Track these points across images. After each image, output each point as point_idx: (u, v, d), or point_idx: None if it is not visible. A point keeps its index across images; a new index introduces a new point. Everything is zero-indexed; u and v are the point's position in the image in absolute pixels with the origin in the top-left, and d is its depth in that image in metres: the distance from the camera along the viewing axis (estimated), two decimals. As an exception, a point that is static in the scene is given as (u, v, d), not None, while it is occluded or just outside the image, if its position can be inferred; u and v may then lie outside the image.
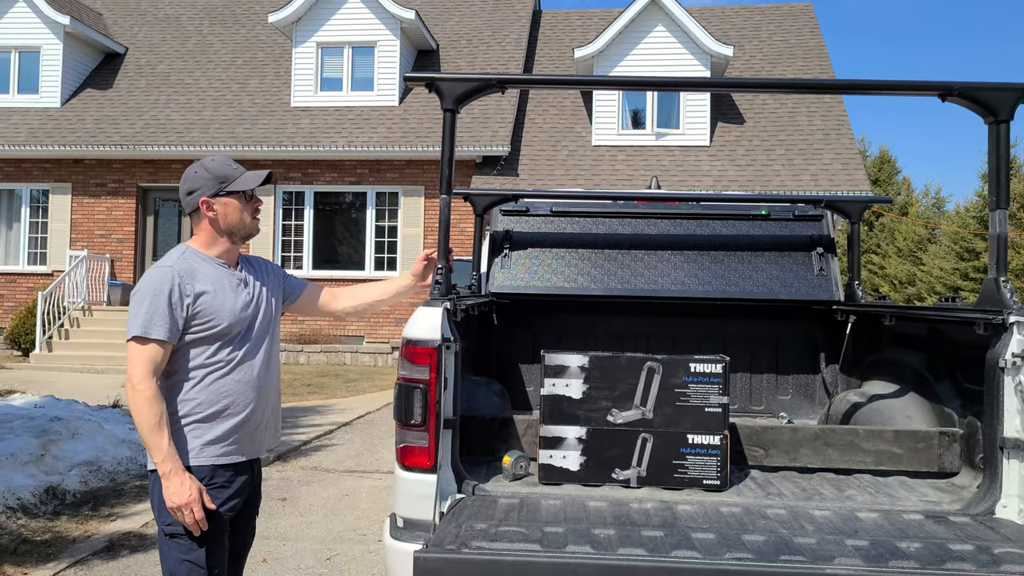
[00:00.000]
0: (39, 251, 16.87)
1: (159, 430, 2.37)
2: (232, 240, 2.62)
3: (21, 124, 16.73)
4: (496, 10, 19.29)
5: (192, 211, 2.60)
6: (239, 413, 2.53)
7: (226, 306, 2.52)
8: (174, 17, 19.93)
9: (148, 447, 2.39)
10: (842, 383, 4.39)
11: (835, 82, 3.21)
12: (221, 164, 2.59)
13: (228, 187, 2.57)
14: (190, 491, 2.38)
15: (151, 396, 2.38)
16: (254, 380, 2.58)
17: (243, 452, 2.57)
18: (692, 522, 2.63)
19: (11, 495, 5.31)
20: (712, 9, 19.94)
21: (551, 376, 3.07)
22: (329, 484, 6.43)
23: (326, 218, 16.44)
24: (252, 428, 2.59)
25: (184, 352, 2.49)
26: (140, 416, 2.37)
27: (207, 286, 2.50)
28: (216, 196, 2.56)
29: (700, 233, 4.62)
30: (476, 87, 3.06)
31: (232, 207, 2.58)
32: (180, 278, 2.47)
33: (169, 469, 2.38)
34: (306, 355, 15.24)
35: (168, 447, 2.38)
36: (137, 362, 2.40)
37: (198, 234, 2.61)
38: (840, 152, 15.58)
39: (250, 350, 2.58)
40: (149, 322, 2.41)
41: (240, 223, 2.61)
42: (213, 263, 2.57)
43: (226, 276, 2.58)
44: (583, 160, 15.87)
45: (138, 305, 2.44)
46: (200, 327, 2.48)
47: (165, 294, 2.43)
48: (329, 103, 16.71)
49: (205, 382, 2.49)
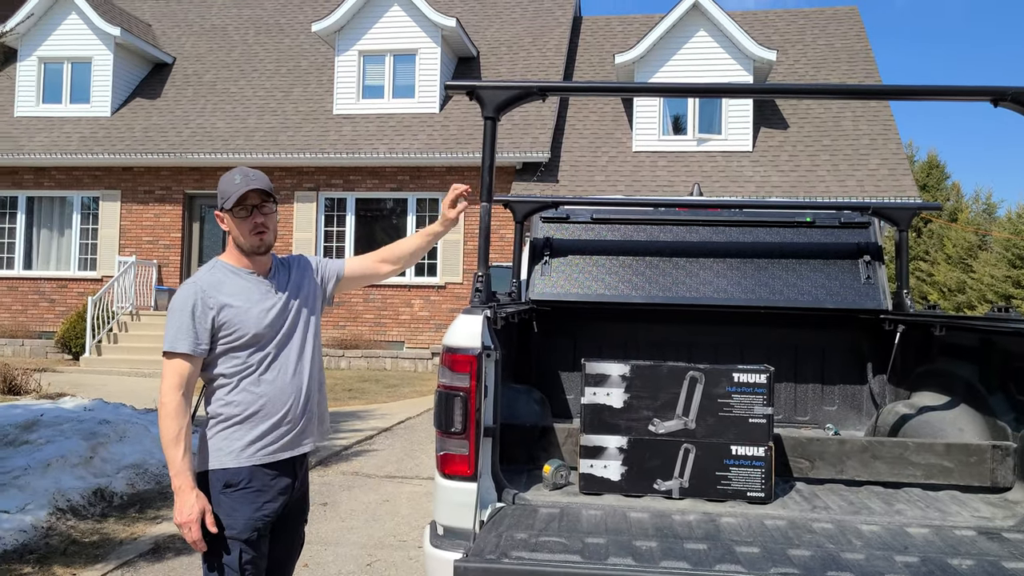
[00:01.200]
0: (89, 257, 17.25)
1: (175, 444, 2.44)
2: (244, 254, 2.65)
3: (73, 133, 17.15)
4: (536, 17, 19.32)
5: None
6: (276, 413, 2.58)
7: (251, 316, 2.56)
8: (220, 27, 20.29)
9: (167, 460, 2.47)
10: (890, 394, 4.29)
11: (882, 88, 3.14)
12: (227, 180, 2.60)
13: (224, 204, 2.59)
14: (191, 511, 2.43)
15: (173, 410, 2.45)
16: (289, 379, 2.62)
17: (284, 448, 2.61)
18: (736, 535, 2.59)
19: (61, 497, 5.42)
20: (755, 13, 19.73)
21: (592, 385, 3.05)
22: (370, 489, 6.46)
23: (367, 224, 16.57)
24: (291, 425, 2.62)
25: (218, 360, 2.56)
26: (161, 429, 2.46)
27: (232, 298, 2.56)
28: (222, 211, 2.61)
29: (743, 240, 4.56)
30: (517, 95, 3.05)
31: (230, 223, 2.61)
32: (203, 293, 2.54)
33: (179, 485, 2.44)
34: (347, 360, 15.36)
35: (181, 462, 2.44)
36: (165, 375, 2.49)
37: (228, 245, 2.69)
38: (887, 157, 15.30)
39: (283, 352, 2.62)
40: (175, 337, 2.49)
41: (240, 238, 2.62)
42: (241, 274, 2.63)
43: (254, 286, 2.62)
44: (623, 166, 15.80)
45: (168, 321, 2.54)
46: (227, 337, 2.55)
47: (188, 309, 2.51)
48: (371, 111, 16.86)
49: (240, 386, 2.56)
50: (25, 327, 16.97)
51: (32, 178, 17.27)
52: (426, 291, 16.05)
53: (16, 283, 17.25)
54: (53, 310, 17.06)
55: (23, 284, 17.24)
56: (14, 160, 16.78)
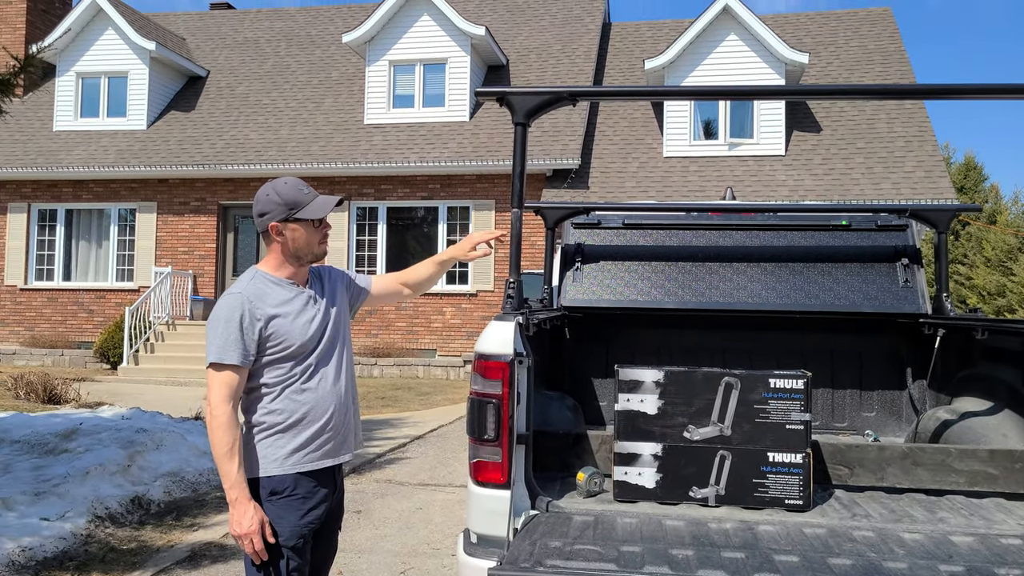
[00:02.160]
0: (126, 268, 17.54)
1: (230, 457, 2.43)
2: (300, 263, 2.64)
3: (110, 146, 17.46)
4: (565, 24, 19.33)
5: (262, 232, 2.64)
6: (318, 420, 2.58)
7: (297, 327, 2.56)
8: (253, 40, 20.56)
9: (220, 472, 2.45)
10: (931, 399, 4.21)
11: (917, 87, 3.08)
12: (293, 189, 2.59)
13: (297, 214, 2.57)
14: (252, 522, 2.42)
15: (225, 422, 2.43)
16: (330, 388, 2.62)
17: (327, 455, 2.61)
18: (774, 544, 2.55)
19: (99, 504, 5.49)
20: (786, 16, 19.56)
21: (625, 391, 3.02)
22: (403, 497, 6.47)
23: (398, 232, 16.66)
24: (333, 433, 2.62)
25: (261, 370, 2.55)
26: (214, 442, 2.44)
27: (277, 309, 2.55)
28: (285, 222, 2.57)
29: (778, 245, 4.50)
30: (547, 100, 3.05)
31: (299, 233, 2.59)
32: (250, 303, 2.52)
33: (235, 497, 2.43)
34: (380, 368, 15.43)
35: (237, 475, 2.43)
36: (214, 388, 2.46)
37: (268, 255, 2.65)
38: (923, 159, 15.07)
39: (324, 361, 2.62)
40: (223, 348, 2.47)
41: (307, 248, 2.62)
42: (283, 285, 2.61)
43: (296, 297, 2.61)
44: (654, 171, 15.73)
45: (213, 332, 2.50)
46: (274, 348, 2.53)
47: (236, 320, 2.48)
48: (401, 120, 16.98)
49: (284, 395, 2.55)
50: (65, 337, 17.28)
51: (71, 191, 17.61)
52: (458, 299, 16.09)
53: (56, 294, 17.58)
54: (91, 320, 17.36)
55: (62, 295, 17.56)
56: (53, 174, 17.12)
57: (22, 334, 17.53)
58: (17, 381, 10.74)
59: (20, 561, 4.52)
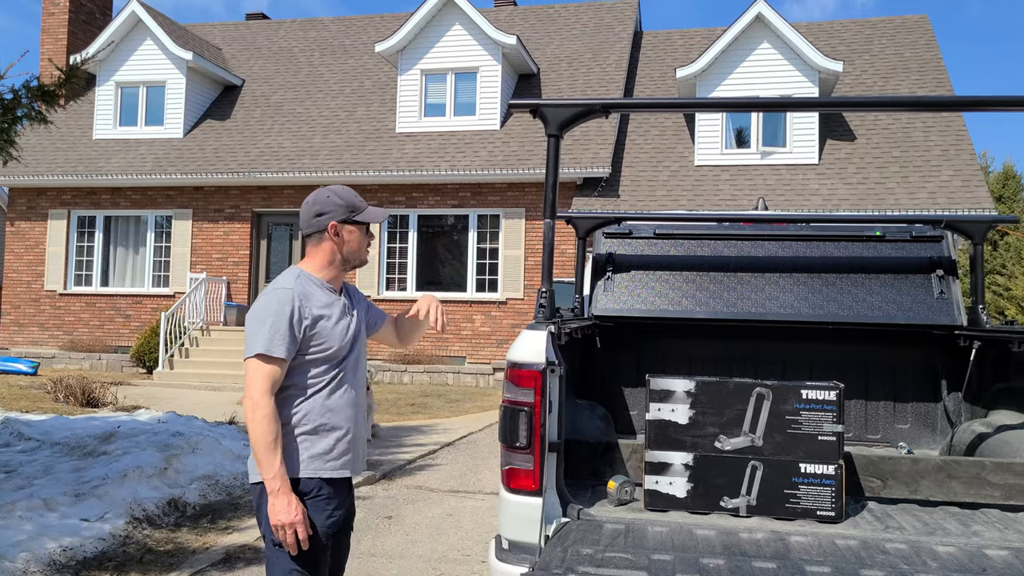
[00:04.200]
0: (162, 274, 17.83)
1: (274, 448, 2.44)
2: (344, 267, 2.70)
3: (148, 154, 17.78)
4: (597, 33, 19.36)
5: (314, 232, 2.66)
6: (342, 428, 2.61)
7: (337, 331, 2.60)
8: (287, 50, 20.84)
9: (260, 463, 2.46)
10: (966, 412, 4.17)
11: (955, 99, 3.07)
12: (351, 194, 2.69)
13: (357, 216, 2.66)
14: (296, 511, 2.44)
15: (270, 413, 2.45)
16: (353, 399, 2.66)
17: (345, 466, 2.63)
18: (806, 554, 2.55)
19: (137, 506, 5.60)
20: (820, 24, 19.42)
21: (656, 401, 3.04)
22: (433, 503, 6.52)
23: (429, 240, 16.77)
24: (354, 444, 2.65)
25: (296, 370, 2.56)
26: (258, 432, 2.44)
27: (323, 310, 2.58)
28: (344, 223, 2.65)
29: (810, 255, 4.49)
30: (580, 113, 3.08)
31: (356, 236, 2.67)
32: (300, 300, 2.54)
33: (278, 487, 2.44)
34: (409, 375, 15.52)
35: (280, 466, 2.45)
36: (257, 380, 2.47)
37: (313, 257, 2.68)
38: (960, 168, 14.87)
39: (350, 372, 2.65)
40: (271, 341, 2.47)
41: (358, 252, 2.70)
42: (324, 288, 2.65)
43: (336, 302, 2.65)
44: (685, 180, 15.68)
45: (259, 324, 2.50)
46: (315, 349, 2.56)
47: (287, 314, 2.50)
48: (432, 128, 17.10)
49: (314, 398, 2.57)
50: (102, 342, 17.59)
51: (109, 198, 17.95)
52: (487, 307, 16.15)
53: (94, 299, 17.91)
54: (128, 325, 17.65)
55: (100, 300, 17.89)
56: (93, 181, 17.47)
57: (61, 338, 17.88)
58: (57, 384, 10.97)
59: (61, 560, 4.63)
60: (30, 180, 17.68)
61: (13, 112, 5.64)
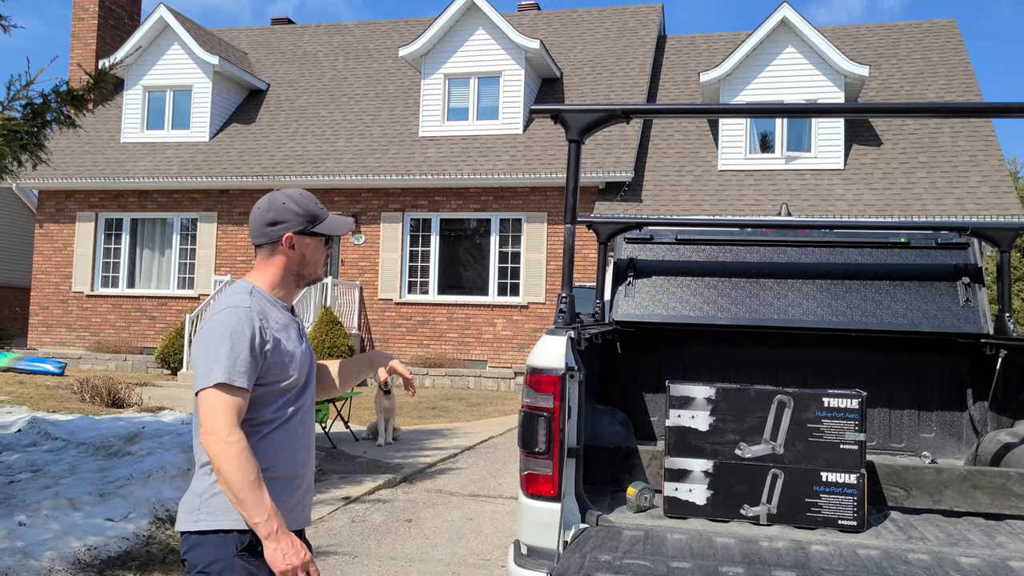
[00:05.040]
0: (187, 276, 18.01)
1: (259, 485, 2.06)
2: (298, 283, 2.36)
3: (174, 158, 17.98)
4: (620, 37, 19.33)
5: (266, 243, 2.31)
6: (296, 473, 2.26)
7: (296, 357, 2.26)
8: (312, 54, 21.00)
9: (246, 506, 2.05)
10: (992, 422, 4.11)
11: (982, 105, 3.03)
12: (311, 201, 2.33)
13: (316, 227, 2.32)
14: (302, 549, 2.09)
15: (245, 448, 2.06)
16: (308, 437, 2.32)
17: (298, 522, 2.28)
18: (826, 564, 2.53)
19: (160, 507, 5.65)
20: (846, 28, 19.27)
21: (676, 407, 3.03)
22: (453, 507, 6.52)
23: (451, 244, 16.81)
24: (304, 492, 2.31)
25: (252, 404, 2.18)
26: (235, 471, 2.03)
27: (280, 333, 2.24)
28: (301, 234, 2.31)
29: (834, 261, 4.45)
30: (601, 118, 3.08)
31: (312, 249, 2.33)
32: (260, 321, 2.18)
33: (275, 528, 2.06)
34: (431, 378, 15.56)
35: (272, 504, 2.07)
36: (221, 412, 2.07)
37: (264, 270, 2.31)
38: (988, 174, 14.69)
39: (306, 403, 2.32)
40: (232, 368, 2.10)
41: (314, 266, 2.35)
42: (278, 306, 2.30)
43: (291, 321, 2.32)
44: (708, 185, 15.61)
45: (215, 348, 2.11)
46: (274, 377, 2.20)
47: (248, 337, 2.13)
48: (455, 132, 17.15)
49: (270, 438, 2.21)
50: (128, 343, 17.79)
51: (136, 201, 18.17)
52: (509, 311, 16.15)
53: (120, 301, 18.12)
54: (153, 327, 17.84)
55: (126, 302, 18.10)
56: (120, 184, 17.69)
57: (88, 339, 18.11)
58: (83, 385, 11.11)
59: (86, 560, 4.68)
60: (59, 183, 17.94)
61: (43, 116, 5.72)
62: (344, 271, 17.00)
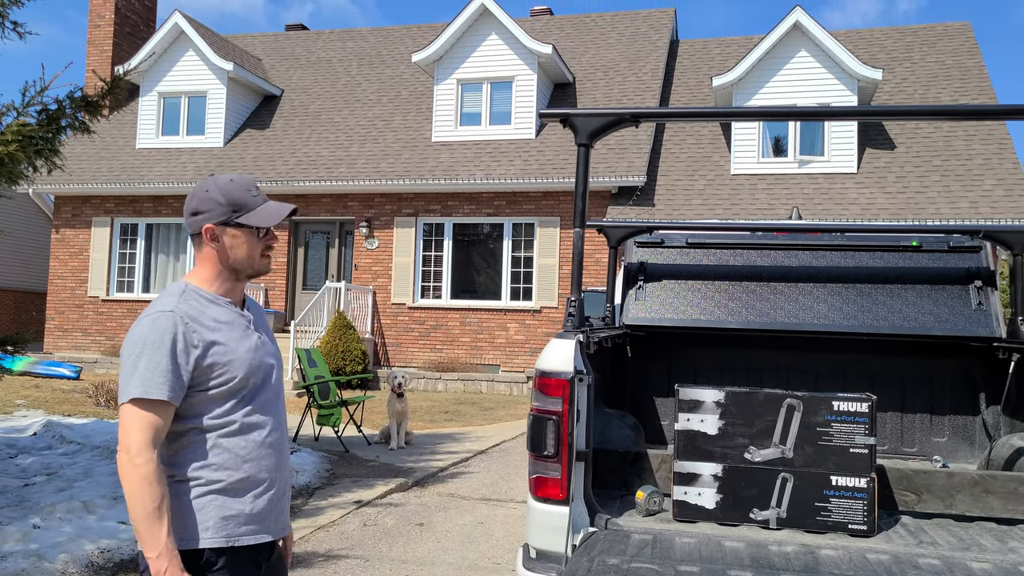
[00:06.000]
0: (202, 281, 18.10)
1: (158, 518, 1.91)
2: (237, 278, 2.19)
3: (188, 163, 18.11)
4: (633, 41, 19.34)
5: (193, 234, 2.17)
6: (261, 482, 2.11)
7: (240, 355, 2.09)
8: (325, 60, 21.11)
9: (141, 537, 1.91)
10: (1005, 426, 4.08)
11: (997, 107, 3.02)
12: (238, 188, 2.14)
13: (239, 218, 2.13)
14: None
15: (150, 474, 1.92)
16: (276, 442, 2.16)
17: (267, 530, 2.13)
18: (836, 568, 2.52)
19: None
20: (859, 32, 19.20)
21: (686, 411, 3.03)
22: (465, 511, 6.53)
23: (464, 248, 16.84)
24: (276, 499, 2.15)
25: (194, 410, 2.05)
26: (136, 498, 1.91)
27: (217, 333, 2.07)
28: (225, 225, 2.13)
29: (845, 265, 4.44)
30: (610, 122, 3.08)
31: (239, 241, 2.15)
32: (185, 325, 2.02)
33: (165, 568, 1.90)
34: (444, 383, 15.58)
35: (168, 540, 1.91)
36: (134, 430, 1.94)
37: (200, 265, 2.17)
38: (1003, 177, 14.59)
39: (266, 404, 2.16)
40: (149, 381, 1.96)
41: (248, 260, 2.17)
42: (219, 302, 2.14)
43: (235, 318, 2.15)
44: (721, 189, 15.57)
45: (134, 360, 1.98)
46: (214, 382, 2.05)
47: (167, 345, 1.99)
48: (468, 137, 17.19)
49: (224, 444, 2.06)
50: (143, 347, 17.89)
51: (151, 206, 18.30)
52: (521, 315, 16.16)
53: (135, 305, 18.25)
54: (168, 331, 17.93)
55: (141, 307, 18.21)
56: (136, 189, 17.83)
57: (103, 343, 18.24)
58: (98, 389, 11.19)
59: (99, 562, 4.72)
60: (75, 188, 18.10)
61: (57, 122, 5.78)
62: (357, 275, 17.06)
